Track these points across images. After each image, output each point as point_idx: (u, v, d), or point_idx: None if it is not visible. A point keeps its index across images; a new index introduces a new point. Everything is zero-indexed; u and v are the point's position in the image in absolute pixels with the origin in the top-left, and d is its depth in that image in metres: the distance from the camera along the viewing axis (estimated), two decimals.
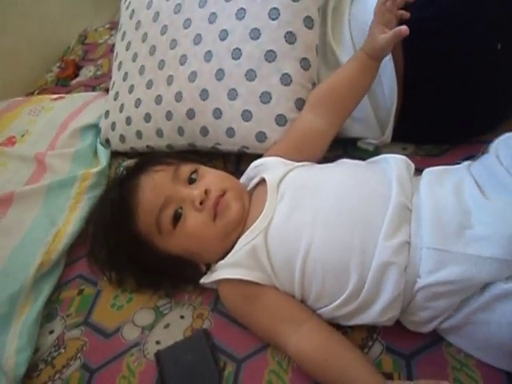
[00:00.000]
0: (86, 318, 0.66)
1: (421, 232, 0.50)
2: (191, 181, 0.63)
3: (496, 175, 0.50)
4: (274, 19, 0.68)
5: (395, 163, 0.57)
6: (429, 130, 0.70)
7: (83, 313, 0.67)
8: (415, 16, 0.63)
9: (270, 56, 0.68)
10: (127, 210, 0.61)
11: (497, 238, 0.46)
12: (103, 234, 0.66)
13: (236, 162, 0.81)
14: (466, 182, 0.53)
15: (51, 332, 0.66)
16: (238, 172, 0.72)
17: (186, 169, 0.64)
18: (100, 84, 1.22)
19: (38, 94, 1.26)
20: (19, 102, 1.04)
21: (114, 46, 1.37)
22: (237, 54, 0.70)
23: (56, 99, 1.04)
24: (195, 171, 0.64)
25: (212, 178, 0.63)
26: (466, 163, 0.57)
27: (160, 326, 0.62)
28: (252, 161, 0.72)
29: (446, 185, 0.53)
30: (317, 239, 0.53)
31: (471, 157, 0.61)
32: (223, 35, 0.72)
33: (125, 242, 0.63)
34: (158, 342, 0.60)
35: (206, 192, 0.60)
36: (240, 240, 0.58)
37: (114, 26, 1.48)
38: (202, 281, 0.61)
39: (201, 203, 0.59)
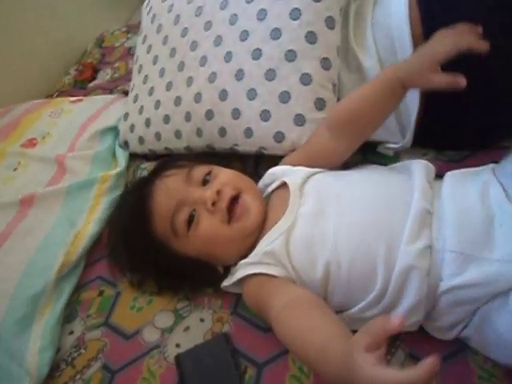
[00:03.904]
0: (107, 319, 0.66)
1: (443, 235, 0.49)
2: (205, 182, 0.62)
3: None
4: (295, 19, 0.67)
5: (417, 168, 0.56)
6: (450, 136, 0.68)
7: (103, 314, 0.67)
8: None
9: (291, 56, 0.67)
10: (143, 215, 0.62)
11: None
12: (122, 238, 0.67)
13: (254, 165, 0.80)
14: (491, 185, 0.52)
15: (71, 332, 0.66)
16: (256, 175, 0.71)
17: (199, 170, 0.64)
18: (117, 86, 1.22)
19: (57, 96, 1.27)
20: (40, 105, 1.05)
21: (130, 48, 1.39)
22: (257, 54, 0.70)
23: (75, 102, 1.05)
24: (209, 172, 0.63)
25: (225, 177, 0.63)
26: (490, 165, 0.56)
27: (180, 328, 0.61)
28: (270, 164, 0.72)
29: (470, 188, 0.53)
30: (342, 246, 0.52)
31: (492, 163, 0.59)
32: (244, 36, 0.72)
33: (144, 246, 0.63)
34: (177, 345, 0.59)
35: (219, 192, 0.59)
36: (261, 241, 0.57)
37: (130, 29, 1.49)
38: (224, 284, 0.60)
39: (213, 204, 0.58)
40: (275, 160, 0.72)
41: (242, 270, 0.58)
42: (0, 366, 0.58)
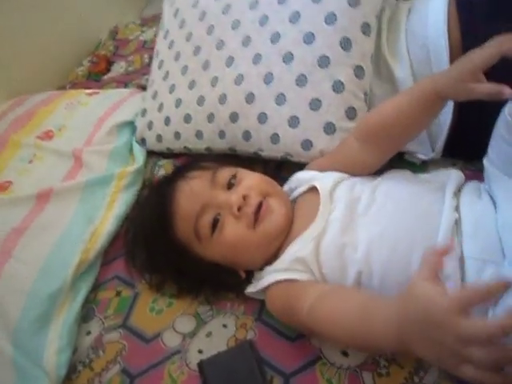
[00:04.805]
0: (125, 321, 0.65)
1: (462, 242, 0.50)
2: (230, 185, 0.61)
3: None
4: (330, 24, 0.66)
5: (452, 179, 0.56)
6: (479, 147, 0.68)
7: (121, 315, 0.66)
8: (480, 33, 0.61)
9: (324, 62, 0.66)
10: (166, 217, 0.61)
11: None
12: (143, 239, 0.66)
13: (276, 167, 0.79)
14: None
15: (88, 333, 0.65)
16: (278, 178, 0.70)
17: (224, 173, 0.62)
18: (132, 80, 1.21)
19: (71, 88, 1.25)
20: (55, 96, 1.03)
21: (145, 42, 1.38)
22: (288, 57, 0.69)
23: (91, 94, 1.03)
24: (234, 175, 0.62)
25: (251, 181, 0.62)
26: None
27: (202, 334, 0.60)
28: (293, 168, 0.71)
29: (483, 195, 0.54)
30: (374, 256, 0.52)
31: None
32: (275, 38, 0.70)
33: (165, 249, 0.62)
34: (200, 351, 0.58)
35: (245, 197, 0.58)
36: (290, 247, 0.56)
37: (144, 22, 1.47)
38: (249, 290, 0.60)
39: (239, 209, 0.57)
40: (298, 164, 0.71)
41: (268, 277, 0.57)
42: (18, 366, 0.56)
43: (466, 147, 0.68)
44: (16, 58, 1.21)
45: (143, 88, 1.10)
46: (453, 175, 0.57)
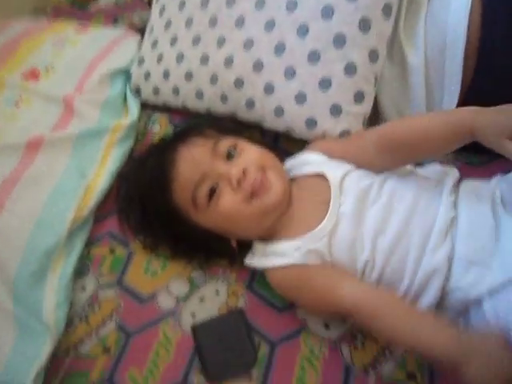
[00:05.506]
0: (120, 280, 0.67)
1: (455, 241, 0.53)
2: (229, 156, 0.62)
3: None
4: (351, 1, 0.63)
5: (446, 176, 0.59)
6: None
7: (116, 273, 0.68)
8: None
9: (339, 40, 0.64)
10: (164, 182, 0.62)
11: None
12: (139, 200, 0.66)
13: (274, 136, 0.78)
14: (497, 197, 0.56)
15: (84, 288, 0.67)
16: (274, 148, 0.71)
17: (225, 143, 0.63)
18: (122, 14, 1.13)
19: (53, 14, 1.14)
20: (40, 28, 0.94)
21: None
22: (303, 30, 0.66)
23: (80, 31, 0.95)
24: (234, 146, 0.63)
25: (251, 155, 0.63)
26: (497, 178, 0.59)
27: (195, 298, 0.64)
28: (291, 140, 0.72)
29: (483, 198, 0.57)
30: (378, 249, 0.55)
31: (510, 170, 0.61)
32: (291, 6, 0.66)
33: (160, 212, 0.64)
34: (193, 315, 0.63)
35: (244, 171, 0.59)
36: (305, 238, 0.57)
37: None
38: (251, 262, 0.62)
39: (238, 182, 0.59)
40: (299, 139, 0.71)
41: (278, 258, 0.58)
42: (20, 320, 0.58)
43: None
44: None
45: (135, 28, 1.03)
46: (450, 173, 0.60)
